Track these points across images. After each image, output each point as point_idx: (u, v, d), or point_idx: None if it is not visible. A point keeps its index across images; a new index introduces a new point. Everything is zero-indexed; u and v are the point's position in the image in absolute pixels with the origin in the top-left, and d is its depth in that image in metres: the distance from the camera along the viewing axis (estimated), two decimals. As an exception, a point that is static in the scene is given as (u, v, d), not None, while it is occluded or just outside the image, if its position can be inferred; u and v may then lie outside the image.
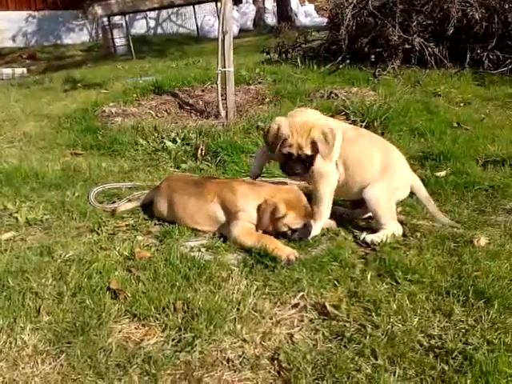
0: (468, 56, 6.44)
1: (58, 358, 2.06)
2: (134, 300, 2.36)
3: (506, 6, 6.49)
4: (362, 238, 2.86)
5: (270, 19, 15.22)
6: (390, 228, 2.84)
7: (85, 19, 13.88)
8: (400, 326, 2.15)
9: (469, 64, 6.42)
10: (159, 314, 2.28)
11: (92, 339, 2.13)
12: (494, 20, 6.36)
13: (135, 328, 2.23)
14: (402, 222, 2.96)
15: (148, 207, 3.34)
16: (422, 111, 5.01)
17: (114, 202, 3.50)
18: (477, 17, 6.31)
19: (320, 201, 2.96)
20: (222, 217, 2.95)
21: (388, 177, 2.88)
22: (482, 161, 3.88)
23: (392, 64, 6.46)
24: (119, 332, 2.20)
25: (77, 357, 2.04)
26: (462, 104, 5.42)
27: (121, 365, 2.02)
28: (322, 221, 2.98)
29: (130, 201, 3.45)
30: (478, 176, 3.60)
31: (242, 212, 2.85)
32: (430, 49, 6.47)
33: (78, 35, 15.25)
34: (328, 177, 2.95)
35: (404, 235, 2.89)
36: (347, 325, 2.19)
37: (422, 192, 3.01)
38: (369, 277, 2.48)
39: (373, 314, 2.23)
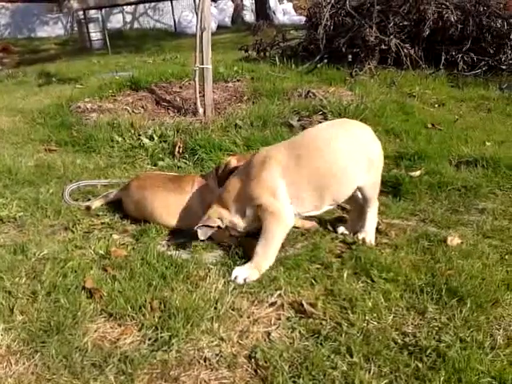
0: (443, 57, 6.56)
1: (33, 357, 2.03)
2: (110, 299, 2.34)
3: (481, 9, 6.63)
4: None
5: (248, 16, 15.23)
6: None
7: (60, 12, 13.64)
8: (375, 323, 2.18)
9: (444, 65, 6.54)
10: (135, 313, 2.26)
11: (67, 339, 2.10)
12: (468, 23, 6.49)
13: (111, 327, 2.21)
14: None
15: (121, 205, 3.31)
16: (397, 112, 5.07)
17: (89, 200, 3.46)
18: (452, 19, 6.42)
19: (268, 243, 2.58)
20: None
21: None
22: (456, 161, 3.95)
23: (369, 64, 6.53)
24: (95, 331, 2.17)
25: (51, 357, 2.01)
26: (436, 105, 5.51)
27: (96, 364, 2.00)
28: (263, 264, 2.56)
29: (103, 197, 3.42)
30: (452, 176, 3.66)
31: None
32: (405, 50, 6.55)
33: (52, 28, 15.00)
34: (278, 215, 2.58)
35: (378, 233, 2.93)
36: (323, 323, 2.21)
37: None
38: (345, 275, 2.50)
39: (349, 311, 2.25)
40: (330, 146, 2.64)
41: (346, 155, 2.64)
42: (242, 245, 2.75)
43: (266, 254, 2.56)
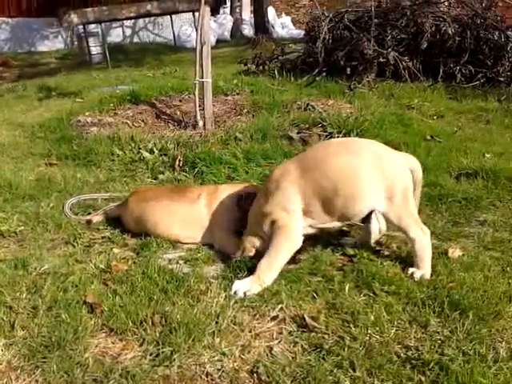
0: (441, 70, 6.59)
1: (33, 373, 2.01)
2: (111, 314, 2.32)
3: (478, 22, 6.68)
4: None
5: (248, 30, 15.32)
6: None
7: (60, 27, 13.73)
8: (377, 337, 2.17)
9: (442, 78, 6.57)
10: (137, 328, 2.25)
11: (68, 354, 2.09)
12: (466, 35, 6.53)
13: (112, 342, 2.20)
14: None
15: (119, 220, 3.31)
16: (396, 124, 5.09)
17: (90, 214, 3.46)
18: (450, 32, 6.46)
19: (274, 257, 2.58)
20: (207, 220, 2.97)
21: None
22: (455, 173, 3.96)
23: (367, 77, 6.55)
24: (96, 346, 2.16)
25: (53, 372, 2.00)
26: (435, 117, 5.53)
27: (98, 380, 1.98)
28: (266, 279, 2.52)
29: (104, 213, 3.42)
30: (452, 188, 3.67)
31: None
32: (404, 63, 6.59)
33: (52, 43, 15.07)
34: (287, 231, 2.61)
35: (379, 245, 2.93)
36: (326, 337, 2.19)
37: None
38: (347, 288, 2.49)
39: (351, 325, 2.24)
40: (330, 161, 2.65)
41: (347, 172, 2.61)
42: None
43: (270, 268, 2.55)
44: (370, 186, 2.61)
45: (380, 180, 2.60)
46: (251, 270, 2.60)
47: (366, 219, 2.77)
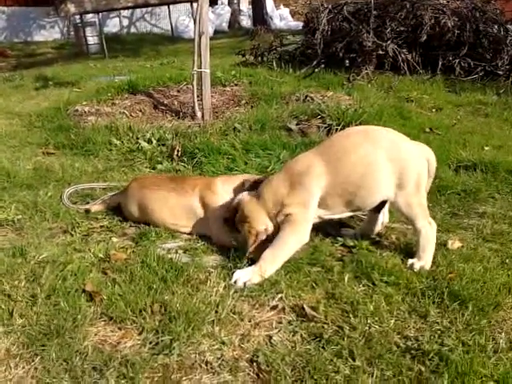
0: (440, 63, 6.59)
1: (32, 361, 2.00)
2: (110, 302, 2.32)
3: (478, 15, 6.67)
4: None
5: (245, 21, 15.27)
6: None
7: (56, 16, 13.62)
8: (377, 327, 2.18)
9: (441, 70, 6.57)
10: (136, 316, 2.25)
11: (67, 342, 2.08)
12: (465, 28, 6.53)
13: (111, 331, 2.19)
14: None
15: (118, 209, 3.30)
16: (395, 116, 5.08)
17: (88, 203, 3.44)
18: (449, 25, 6.45)
19: (279, 249, 2.57)
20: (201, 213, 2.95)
21: None
22: (455, 165, 3.97)
23: (366, 69, 6.55)
24: (95, 335, 2.15)
25: (52, 360, 1.99)
26: (434, 110, 5.53)
27: (97, 368, 1.98)
28: (268, 269, 2.50)
29: (103, 202, 3.40)
30: (451, 180, 3.67)
31: None
32: (403, 55, 6.58)
33: (49, 32, 14.98)
34: (297, 225, 2.59)
35: (379, 236, 2.93)
36: (325, 326, 2.20)
37: None
38: (346, 279, 2.49)
39: (350, 315, 2.25)
40: (353, 154, 2.62)
41: (370, 165, 2.59)
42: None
43: (274, 260, 2.54)
44: (387, 177, 2.59)
45: (396, 169, 2.59)
46: (251, 260, 2.60)
47: (376, 209, 2.77)
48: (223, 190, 2.96)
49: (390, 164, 2.58)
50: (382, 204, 2.77)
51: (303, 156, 2.81)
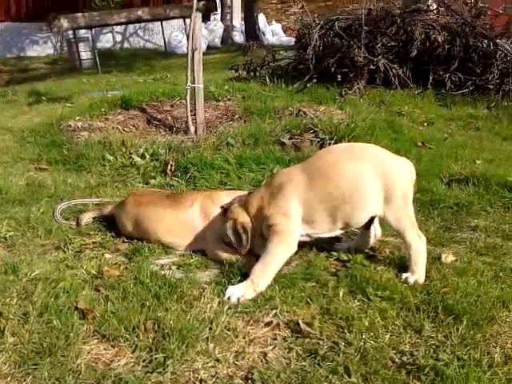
0: (431, 77, 6.65)
1: (24, 380, 1.97)
2: (103, 320, 2.29)
3: (467, 30, 6.75)
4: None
5: (238, 37, 15.34)
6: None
7: (50, 32, 13.64)
8: (372, 342, 2.17)
9: (432, 85, 6.62)
10: (129, 334, 2.22)
11: (60, 361, 2.05)
12: (455, 43, 6.60)
13: (104, 349, 2.17)
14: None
15: (113, 224, 3.28)
16: (387, 130, 5.11)
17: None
18: (439, 40, 6.52)
19: (268, 262, 2.57)
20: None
21: None
22: (447, 179, 3.99)
23: (358, 84, 6.59)
24: (88, 353, 2.13)
25: (44, 379, 1.96)
26: (425, 124, 5.57)
27: (90, 387, 1.95)
28: (261, 283, 2.50)
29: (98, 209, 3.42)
30: (443, 194, 3.69)
31: None
32: (394, 70, 6.64)
33: (42, 48, 14.96)
34: (284, 236, 2.60)
35: (372, 250, 2.93)
36: (320, 342, 2.18)
37: None
38: (341, 294, 2.49)
39: (345, 330, 2.24)
40: (337, 169, 2.63)
41: (355, 180, 2.60)
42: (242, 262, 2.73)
43: (264, 273, 2.53)
44: (374, 193, 2.60)
45: (382, 185, 2.59)
46: (245, 276, 2.59)
47: (366, 225, 2.78)
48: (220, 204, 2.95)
49: (377, 180, 2.59)
50: (371, 220, 2.78)
51: (286, 169, 2.88)
